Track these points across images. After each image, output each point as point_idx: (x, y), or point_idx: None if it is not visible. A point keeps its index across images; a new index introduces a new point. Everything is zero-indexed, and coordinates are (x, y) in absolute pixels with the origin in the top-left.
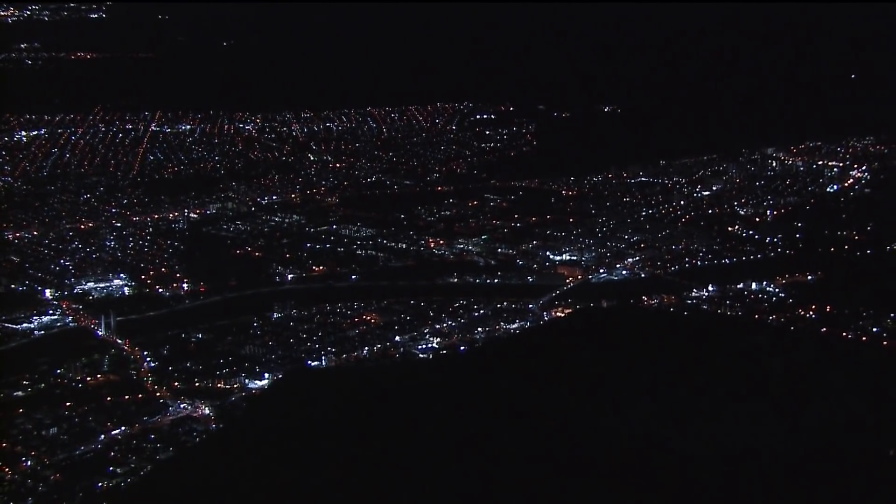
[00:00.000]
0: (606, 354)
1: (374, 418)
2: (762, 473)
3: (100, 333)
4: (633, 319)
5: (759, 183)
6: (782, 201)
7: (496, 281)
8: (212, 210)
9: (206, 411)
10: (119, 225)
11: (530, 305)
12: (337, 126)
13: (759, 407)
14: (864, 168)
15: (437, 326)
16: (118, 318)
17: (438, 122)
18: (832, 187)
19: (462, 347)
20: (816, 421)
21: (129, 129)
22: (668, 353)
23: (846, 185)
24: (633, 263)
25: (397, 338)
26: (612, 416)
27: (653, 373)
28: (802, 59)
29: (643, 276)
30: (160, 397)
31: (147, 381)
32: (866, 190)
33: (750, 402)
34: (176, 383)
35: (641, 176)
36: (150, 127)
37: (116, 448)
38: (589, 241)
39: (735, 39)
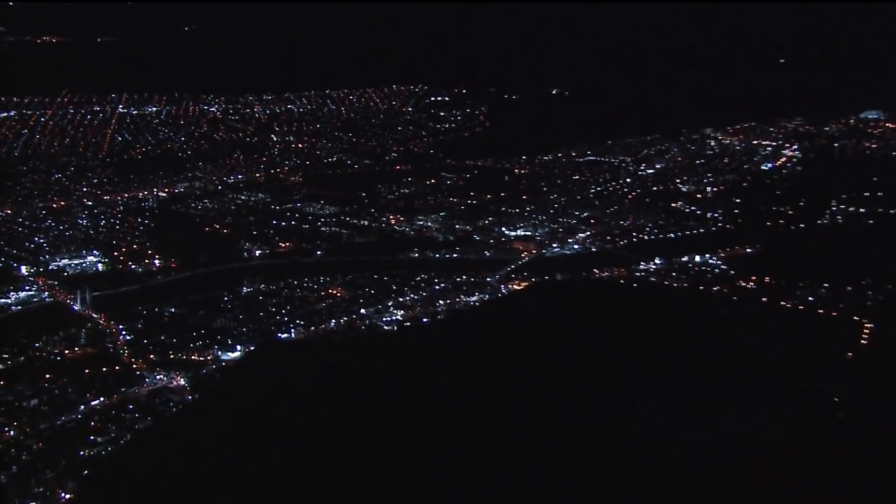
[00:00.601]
0: (563, 325)
1: (344, 388)
2: (715, 437)
3: (76, 308)
4: (587, 291)
5: (700, 161)
6: (721, 179)
7: (455, 255)
8: (180, 189)
9: (182, 382)
10: (90, 203)
11: (488, 279)
12: (298, 108)
13: (711, 373)
14: (794, 147)
15: (401, 299)
16: (94, 294)
17: (395, 104)
18: (766, 165)
19: (424, 319)
20: (766, 386)
21: (97, 110)
22: (621, 322)
23: (779, 163)
24: (584, 238)
25: (363, 310)
26: (572, 383)
27: (608, 341)
28: (737, 46)
29: (594, 249)
30: (137, 369)
31: (123, 353)
32: (797, 168)
33: (703, 369)
34: (151, 356)
35: (589, 155)
36: (117, 109)
37: (96, 418)
38: (542, 218)
39: (675, 27)
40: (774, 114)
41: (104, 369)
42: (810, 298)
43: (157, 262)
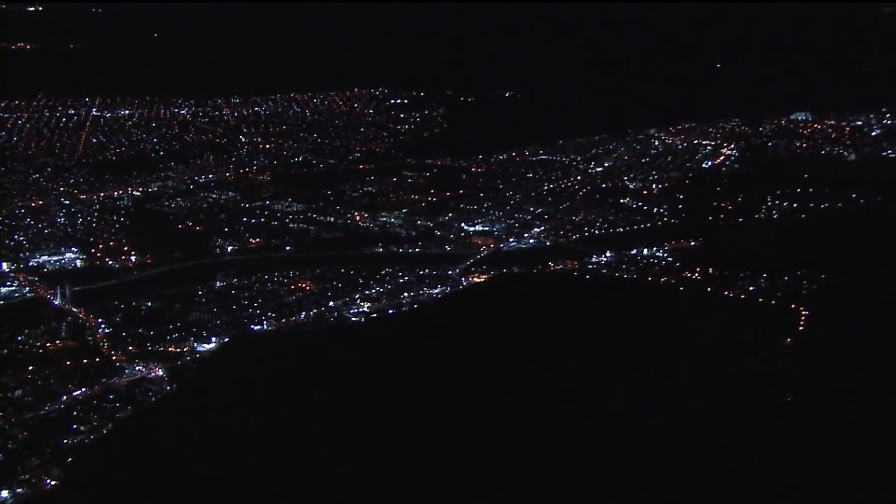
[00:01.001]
0: (523, 316)
1: (315, 378)
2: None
3: (56, 303)
4: (543, 284)
5: (645, 160)
6: (665, 176)
7: (417, 250)
8: (153, 188)
9: (160, 373)
10: (68, 202)
11: (449, 272)
12: (264, 110)
13: (667, 361)
14: (732, 146)
15: (367, 292)
16: (73, 289)
17: (357, 107)
18: (707, 163)
19: (390, 311)
20: (716, 372)
21: (71, 114)
22: (576, 313)
23: (718, 161)
24: (538, 233)
25: (331, 303)
26: (536, 372)
27: (565, 331)
28: (677, 50)
29: (548, 244)
30: (116, 361)
31: (103, 346)
32: (736, 165)
33: (660, 357)
34: (130, 347)
35: (541, 154)
36: (90, 112)
37: (79, 408)
38: (498, 213)
39: (616, 32)
40: (713, 114)
41: (85, 361)
42: (751, 288)
43: (133, 258)
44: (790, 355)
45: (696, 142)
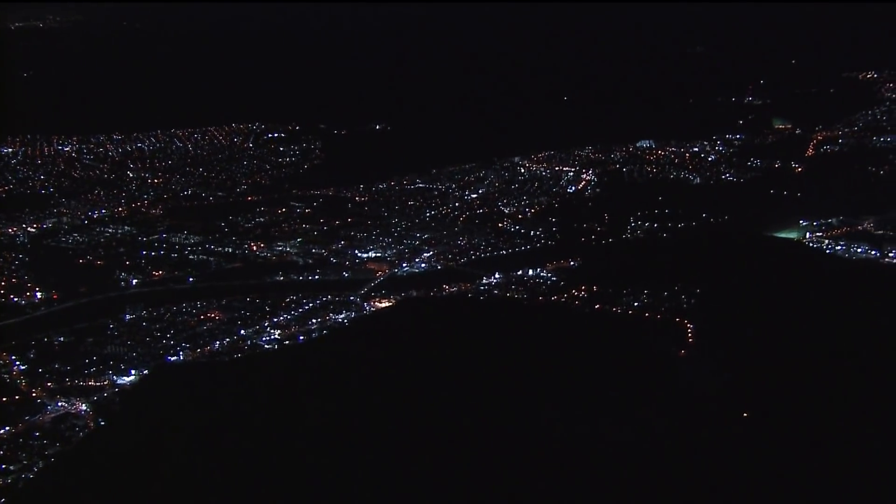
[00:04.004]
0: (432, 337)
1: (242, 407)
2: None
3: None
4: (444, 306)
5: (514, 186)
6: (536, 201)
7: (317, 277)
8: (48, 224)
9: (83, 408)
10: None
11: (351, 297)
12: (148, 146)
13: (573, 374)
14: (591, 172)
15: (276, 320)
16: None
17: (237, 140)
18: (571, 188)
19: (301, 337)
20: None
21: None
22: (482, 333)
23: (581, 186)
24: (428, 257)
25: (242, 331)
26: (453, 388)
27: (474, 350)
28: (530, 83)
29: (439, 267)
30: (37, 397)
31: (21, 382)
32: (597, 190)
33: (566, 371)
34: (49, 383)
35: (418, 182)
36: None
37: (5, 447)
38: (388, 240)
39: (477, 66)
40: (570, 143)
41: (4, 399)
42: (635, 304)
43: (38, 293)
44: (687, 366)
45: (557, 168)
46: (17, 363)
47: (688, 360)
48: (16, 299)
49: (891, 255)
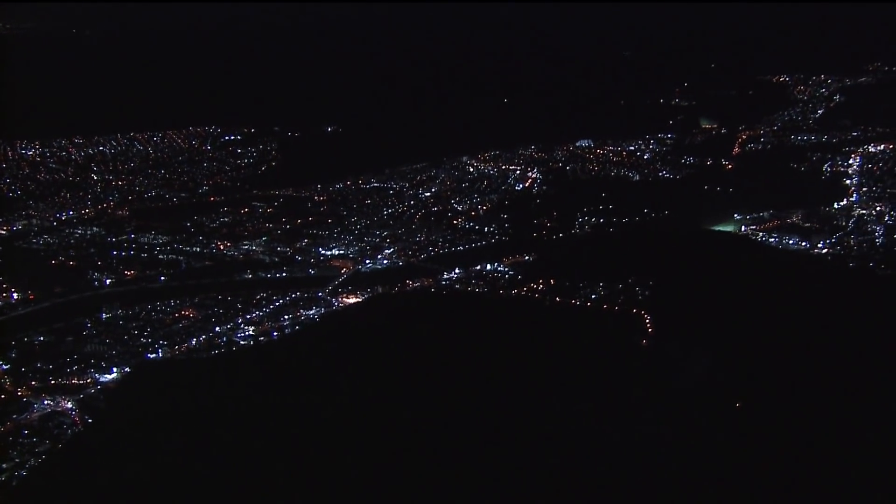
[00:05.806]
0: (401, 331)
1: (227, 403)
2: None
3: None
4: (409, 301)
5: (465, 184)
6: (486, 198)
7: (284, 275)
8: (18, 226)
9: (69, 405)
10: None
11: (319, 293)
12: (109, 149)
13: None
14: (535, 170)
15: (248, 317)
16: None
17: (195, 143)
18: (518, 186)
19: (274, 333)
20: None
21: None
22: (448, 327)
23: (528, 184)
24: (389, 254)
25: (217, 328)
26: (428, 382)
27: (443, 343)
28: (473, 85)
29: (401, 263)
30: (22, 396)
31: (6, 382)
32: (544, 187)
33: (535, 363)
34: (33, 382)
35: (373, 182)
36: None
37: None
38: (349, 238)
39: (424, 69)
40: (514, 142)
41: None
42: (593, 296)
43: (14, 294)
44: (649, 356)
45: (503, 167)
46: (0, 363)
47: (655, 349)
48: None
49: (819, 245)
